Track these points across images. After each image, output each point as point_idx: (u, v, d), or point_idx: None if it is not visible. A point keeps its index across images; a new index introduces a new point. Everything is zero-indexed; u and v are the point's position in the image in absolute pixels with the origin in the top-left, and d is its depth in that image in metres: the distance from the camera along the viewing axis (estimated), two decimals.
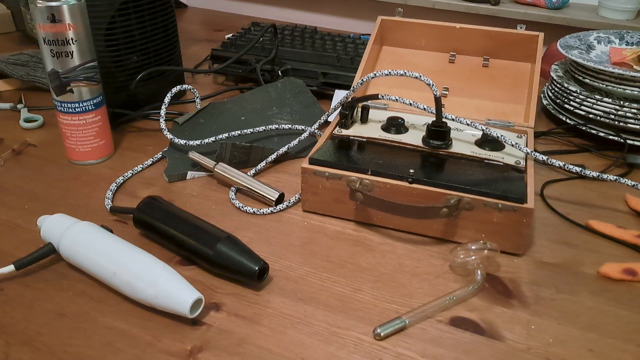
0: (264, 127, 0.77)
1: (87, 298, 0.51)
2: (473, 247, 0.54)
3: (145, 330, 0.48)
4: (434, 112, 0.64)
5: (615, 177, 0.62)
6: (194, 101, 0.86)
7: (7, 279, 0.53)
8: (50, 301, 0.51)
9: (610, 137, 0.78)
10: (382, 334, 0.47)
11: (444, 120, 0.64)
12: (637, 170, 0.74)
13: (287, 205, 0.65)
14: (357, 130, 0.69)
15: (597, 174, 0.63)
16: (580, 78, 0.82)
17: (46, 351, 0.45)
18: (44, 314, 0.49)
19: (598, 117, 0.79)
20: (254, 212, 0.64)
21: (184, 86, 0.81)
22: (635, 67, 0.79)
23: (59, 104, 0.69)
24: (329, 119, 0.73)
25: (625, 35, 0.90)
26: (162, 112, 0.76)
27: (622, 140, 0.77)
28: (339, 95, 0.85)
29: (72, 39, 0.65)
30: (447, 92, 0.79)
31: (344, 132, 0.69)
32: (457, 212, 0.57)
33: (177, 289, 0.48)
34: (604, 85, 0.78)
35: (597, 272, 0.55)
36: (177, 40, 0.91)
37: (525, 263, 0.57)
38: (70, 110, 0.69)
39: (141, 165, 0.72)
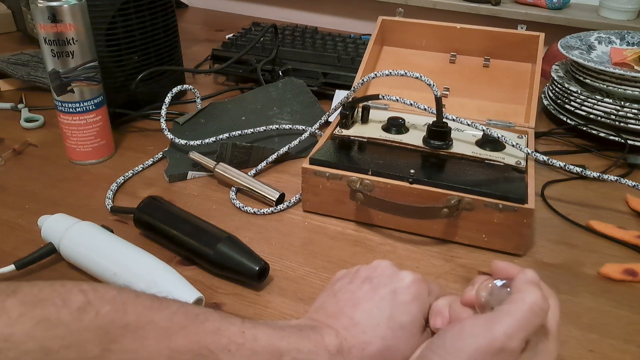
0: (264, 127, 0.77)
1: None
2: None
3: None
4: (435, 113, 0.64)
5: (615, 178, 0.62)
6: (195, 101, 0.86)
7: (7, 279, 0.53)
8: None
9: (611, 137, 0.78)
10: None
11: (444, 120, 0.64)
12: (637, 171, 0.74)
13: (287, 206, 0.65)
14: (357, 131, 0.69)
15: (598, 174, 0.63)
16: (581, 78, 0.82)
17: None
18: None
19: (599, 118, 0.79)
20: (254, 212, 0.64)
21: (184, 86, 0.81)
22: (636, 67, 0.79)
23: (60, 104, 0.69)
24: (330, 119, 0.73)
25: (626, 35, 0.90)
26: (163, 112, 0.76)
27: (622, 141, 0.77)
28: (340, 95, 0.85)
29: (72, 38, 0.65)
30: (447, 93, 0.79)
31: (345, 132, 0.69)
32: (458, 212, 0.57)
33: (178, 289, 0.48)
34: (605, 86, 0.78)
35: (598, 273, 0.55)
36: (177, 40, 0.91)
37: (526, 264, 0.57)
38: (71, 110, 0.69)
39: (142, 165, 0.72)
